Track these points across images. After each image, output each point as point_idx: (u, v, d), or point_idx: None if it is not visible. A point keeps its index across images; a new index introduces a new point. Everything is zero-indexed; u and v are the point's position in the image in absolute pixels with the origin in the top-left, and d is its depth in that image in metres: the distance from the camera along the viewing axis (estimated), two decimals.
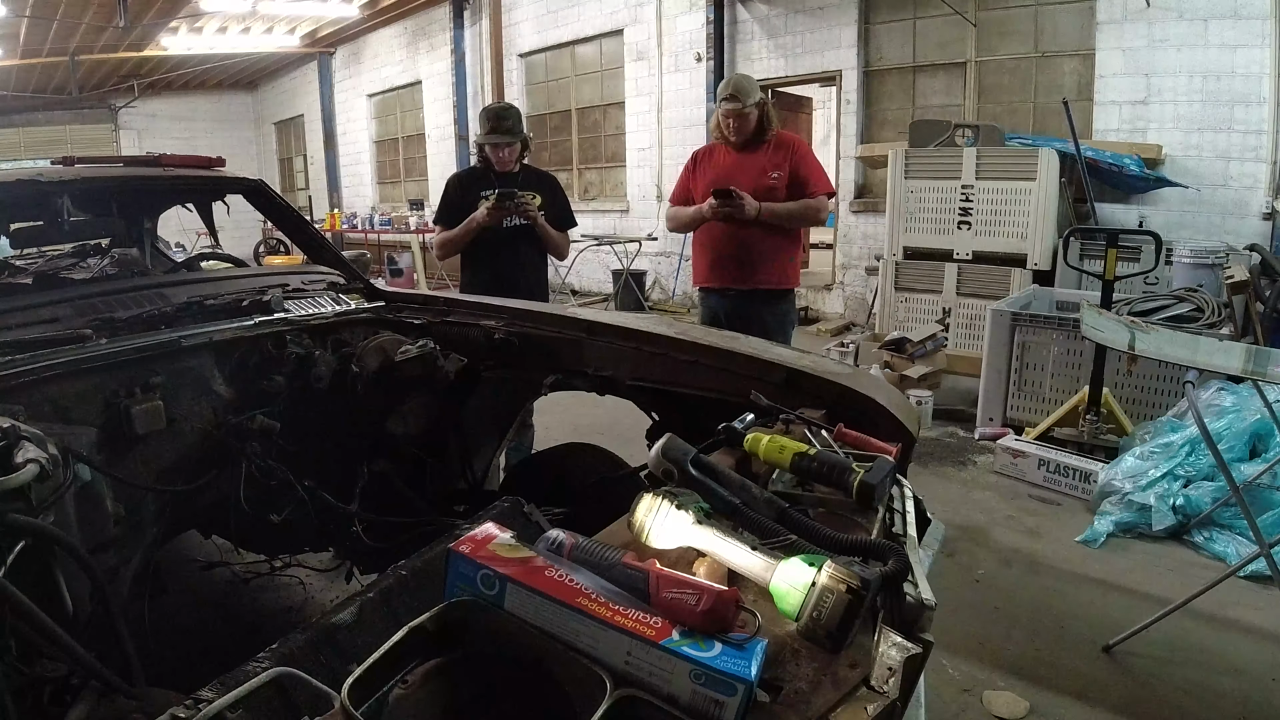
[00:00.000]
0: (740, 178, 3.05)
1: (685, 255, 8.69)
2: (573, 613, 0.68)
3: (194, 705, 0.72)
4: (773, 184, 3.05)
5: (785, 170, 3.08)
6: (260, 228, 11.75)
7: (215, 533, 2.22)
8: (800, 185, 3.09)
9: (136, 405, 1.67)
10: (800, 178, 3.08)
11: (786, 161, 3.10)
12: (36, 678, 0.98)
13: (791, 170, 3.08)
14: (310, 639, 0.91)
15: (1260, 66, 5.05)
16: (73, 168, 2.32)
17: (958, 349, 5.22)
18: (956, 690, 2.18)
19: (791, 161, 3.09)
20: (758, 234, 3.07)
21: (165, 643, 1.60)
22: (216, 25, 11.31)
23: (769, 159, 3.10)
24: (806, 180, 3.10)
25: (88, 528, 1.39)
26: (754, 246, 3.11)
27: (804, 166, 3.10)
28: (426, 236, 10.22)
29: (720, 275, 3.21)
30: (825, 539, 0.94)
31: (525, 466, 2.49)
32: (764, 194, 3.03)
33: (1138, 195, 5.59)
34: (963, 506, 3.41)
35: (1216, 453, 2.26)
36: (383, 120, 13.44)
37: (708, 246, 3.22)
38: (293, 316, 2.14)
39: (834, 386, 1.52)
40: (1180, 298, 4.05)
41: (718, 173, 3.14)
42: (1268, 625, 2.46)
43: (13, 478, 1.04)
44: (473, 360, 2.12)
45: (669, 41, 8.61)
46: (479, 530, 0.78)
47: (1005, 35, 6.41)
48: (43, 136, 13.93)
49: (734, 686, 0.63)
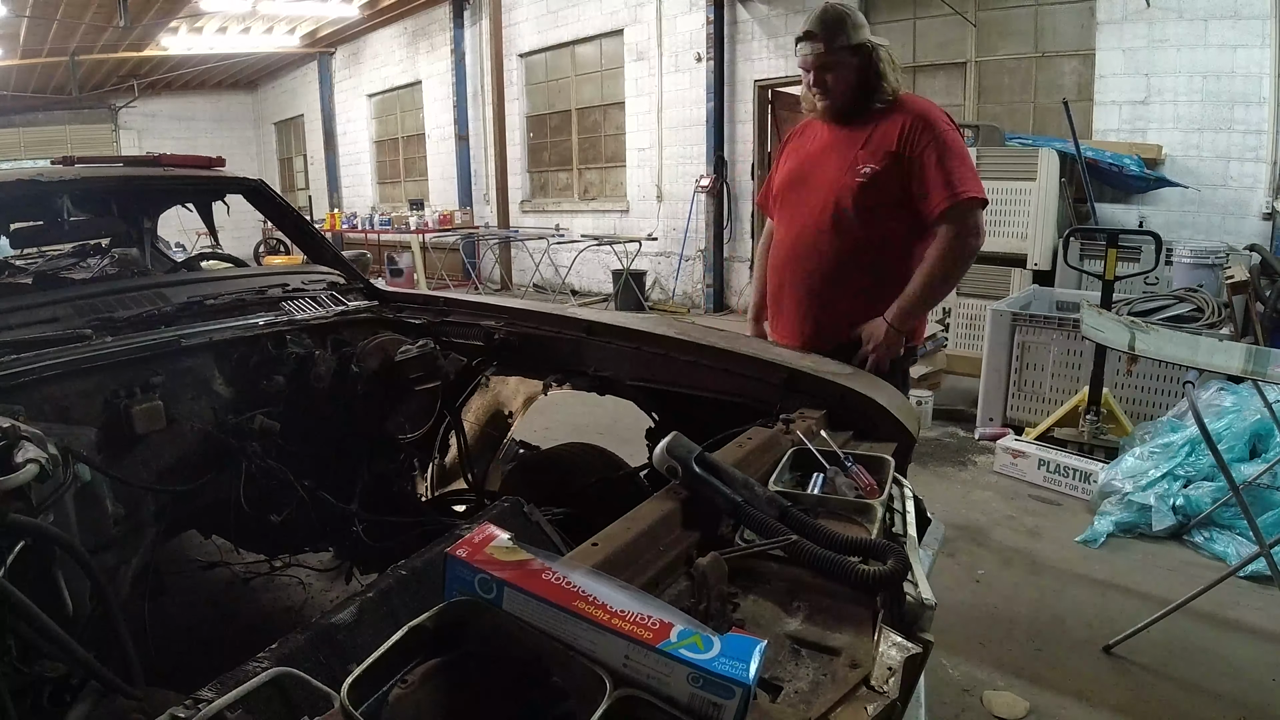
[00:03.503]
0: (824, 170, 2.05)
1: (685, 255, 8.70)
2: (570, 616, 0.68)
3: (194, 705, 0.72)
4: (859, 184, 1.97)
5: (888, 160, 1.94)
6: (260, 228, 11.75)
7: (215, 533, 2.22)
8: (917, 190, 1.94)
9: (136, 405, 1.67)
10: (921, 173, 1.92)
11: (896, 144, 1.94)
12: (36, 678, 0.99)
13: (901, 162, 1.94)
14: (310, 639, 0.91)
15: (1260, 66, 5.05)
16: (73, 168, 2.33)
17: (958, 349, 5.23)
18: (956, 690, 2.18)
19: (905, 145, 1.93)
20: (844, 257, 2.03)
21: (165, 643, 1.60)
22: (216, 25, 11.30)
23: (869, 141, 1.98)
24: (926, 182, 1.92)
25: (88, 528, 1.39)
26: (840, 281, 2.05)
27: (927, 157, 1.91)
28: (426, 236, 10.25)
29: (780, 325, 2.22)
30: (826, 538, 0.94)
31: (525, 466, 2.49)
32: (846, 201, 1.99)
33: (1138, 195, 5.59)
34: (963, 506, 3.41)
35: (1216, 453, 2.26)
36: (383, 120, 13.44)
37: (772, 273, 2.24)
38: (293, 316, 2.14)
39: (834, 387, 1.53)
40: (1180, 298, 4.05)
41: (804, 157, 2.15)
42: (1268, 625, 2.46)
43: (13, 478, 1.04)
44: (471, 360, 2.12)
45: (669, 41, 8.61)
46: (477, 532, 0.78)
47: (1005, 35, 6.41)
48: (43, 136, 13.93)
49: (731, 690, 0.63)
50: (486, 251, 11.02)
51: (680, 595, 0.91)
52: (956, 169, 1.92)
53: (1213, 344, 2.69)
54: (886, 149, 1.96)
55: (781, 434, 1.32)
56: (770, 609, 0.90)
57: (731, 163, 8.32)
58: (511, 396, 2.43)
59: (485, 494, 2.23)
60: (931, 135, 1.93)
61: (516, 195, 10.80)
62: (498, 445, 2.45)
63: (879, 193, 1.97)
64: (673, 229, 8.84)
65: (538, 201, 10.74)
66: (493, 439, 2.45)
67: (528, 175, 10.84)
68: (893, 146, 1.95)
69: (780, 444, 1.28)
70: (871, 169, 1.96)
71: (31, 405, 1.51)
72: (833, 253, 2.04)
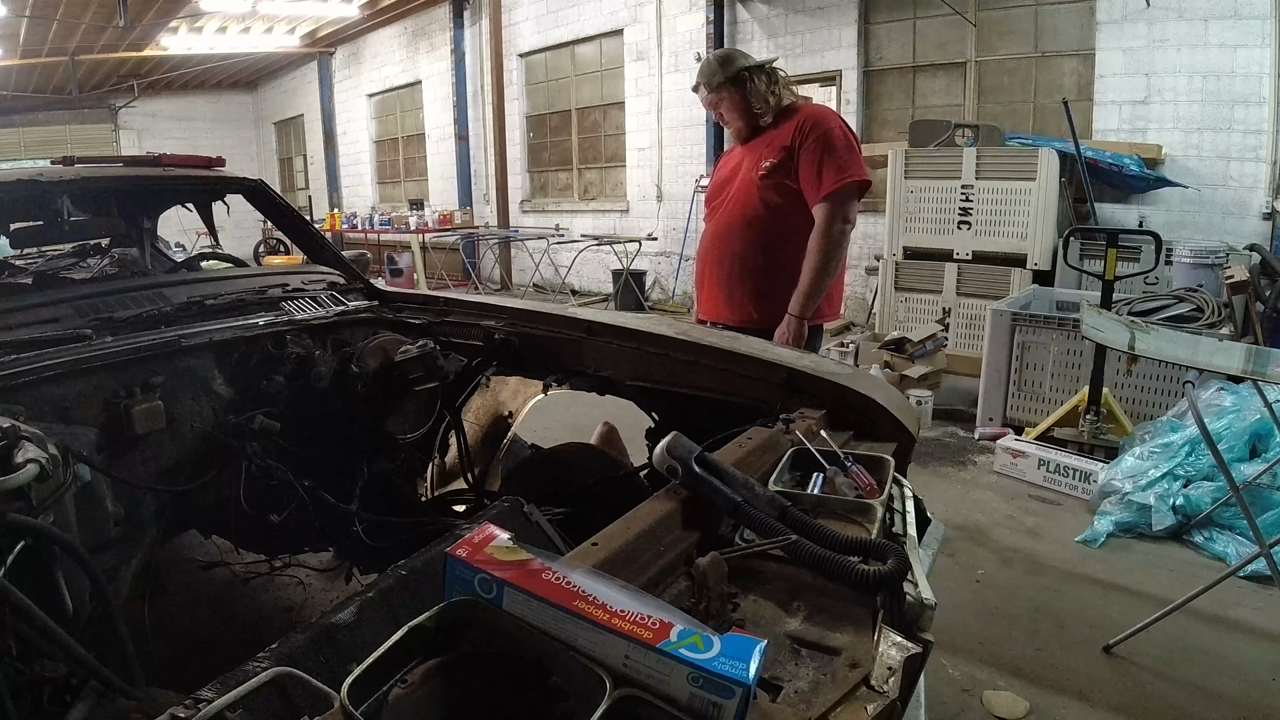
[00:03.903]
0: (734, 179, 2.45)
1: (685, 255, 8.70)
2: (570, 616, 0.68)
3: (194, 705, 0.72)
4: (761, 178, 2.32)
5: (783, 154, 2.29)
6: (260, 228, 11.75)
7: (215, 533, 2.22)
8: (806, 176, 2.26)
9: (136, 405, 1.67)
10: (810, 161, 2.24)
11: (790, 139, 2.29)
12: (36, 678, 0.98)
13: (799, 152, 2.26)
14: (310, 639, 0.91)
15: (1260, 66, 5.05)
16: (73, 168, 2.33)
17: (958, 349, 5.23)
18: (956, 690, 2.18)
19: (798, 138, 2.27)
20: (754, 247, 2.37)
21: (165, 643, 1.60)
22: (216, 25, 11.30)
23: (770, 141, 2.36)
24: (817, 166, 2.23)
25: (88, 528, 1.39)
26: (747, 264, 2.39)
27: (816, 146, 2.24)
28: (426, 236, 10.25)
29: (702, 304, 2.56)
30: (826, 538, 0.94)
31: (525, 466, 2.49)
32: (754, 196, 2.35)
33: (1138, 195, 5.59)
34: (963, 506, 3.41)
35: (1216, 453, 2.26)
36: (383, 120, 13.44)
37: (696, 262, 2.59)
38: (293, 316, 2.14)
39: (834, 387, 1.53)
40: (1180, 298, 4.06)
41: (720, 176, 2.57)
42: (1268, 625, 2.46)
43: (13, 478, 1.04)
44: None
45: (669, 41, 8.61)
46: (477, 532, 0.78)
47: (1005, 35, 6.41)
48: (43, 136, 13.93)
49: (731, 690, 0.63)
50: (486, 251, 11.02)
51: (680, 595, 0.91)
52: (842, 157, 2.23)
53: (1213, 344, 2.69)
54: (782, 144, 2.31)
55: (781, 434, 1.32)
56: (770, 609, 0.90)
57: None
58: (511, 397, 2.43)
59: (485, 494, 2.23)
60: (820, 131, 2.25)
61: (516, 195, 10.81)
62: (498, 445, 2.45)
63: (776, 185, 2.31)
64: (672, 229, 8.84)
65: (538, 201, 10.74)
66: (493, 439, 2.45)
67: (528, 175, 10.84)
68: (786, 141, 2.30)
69: (780, 444, 1.28)
70: (771, 162, 2.31)
71: (31, 405, 1.51)
72: (742, 242, 2.40)
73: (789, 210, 2.33)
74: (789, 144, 2.28)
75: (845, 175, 2.22)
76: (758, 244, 2.37)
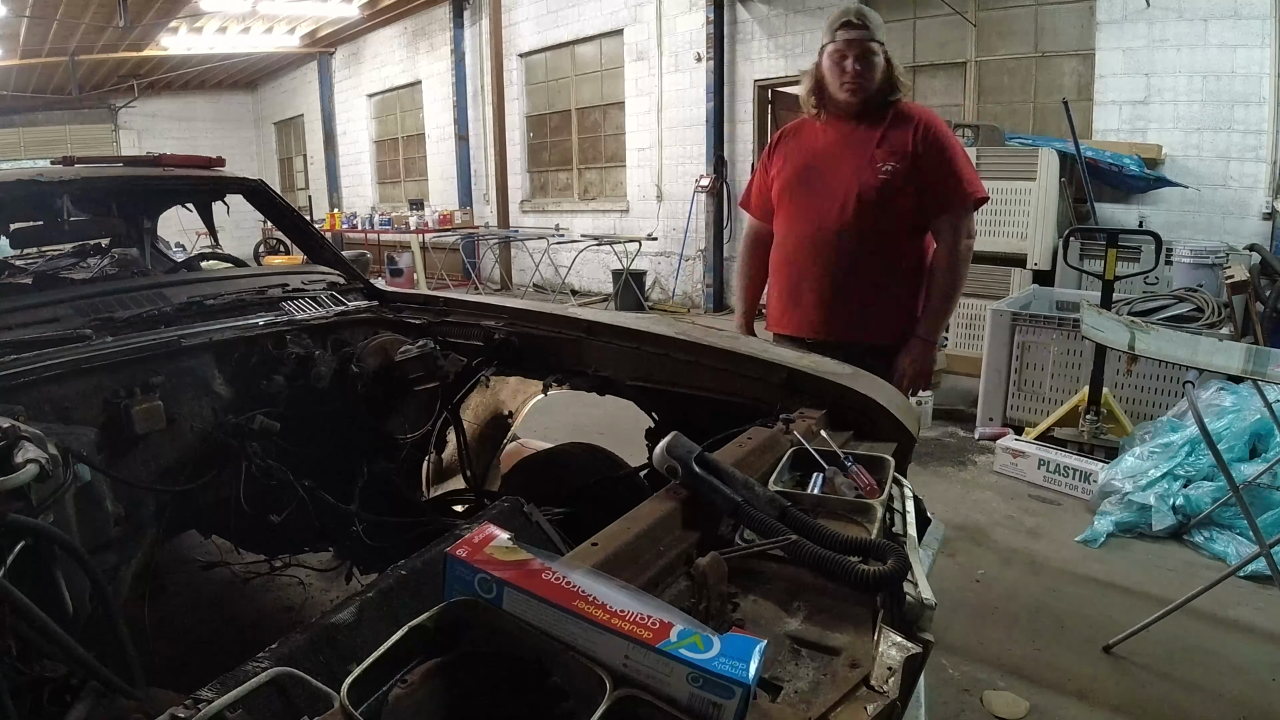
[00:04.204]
0: (838, 167, 2.14)
1: (685, 255, 8.70)
2: (570, 616, 0.68)
3: (194, 705, 0.72)
4: (882, 180, 2.08)
5: (905, 161, 2.07)
6: (260, 228, 11.75)
7: (215, 533, 2.22)
8: (933, 188, 2.08)
9: (136, 405, 1.67)
10: (938, 173, 2.07)
11: (911, 145, 2.08)
12: (36, 678, 0.98)
13: (923, 161, 2.07)
14: (310, 639, 0.91)
15: (1260, 66, 5.05)
16: (73, 168, 2.33)
17: (958, 349, 5.22)
18: (956, 690, 2.18)
19: (921, 146, 2.07)
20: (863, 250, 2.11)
21: (165, 643, 1.60)
22: (216, 25, 11.31)
23: (884, 140, 2.10)
24: (946, 180, 2.08)
25: (88, 528, 1.39)
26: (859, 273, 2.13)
27: (943, 157, 2.08)
28: (426, 236, 10.25)
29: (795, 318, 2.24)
30: (826, 538, 0.94)
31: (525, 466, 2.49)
32: (871, 198, 2.09)
33: (1138, 195, 5.59)
34: (963, 506, 3.41)
35: (1216, 453, 2.26)
36: (383, 120, 13.44)
37: (782, 267, 2.27)
38: (293, 316, 2.14)
39: (834, 387, 1.53)
40: (1180, 298, 4.06)
41: (808, 156, 2.21)
42: (1268, 625, 2.46)
43: (13, 478, 1.04)
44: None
45: (669, 41, 8.61)
46: (477, 532, 0.78)
47: (1005, 35, 6.41)
48: (43, 136, 13.93)
49: (731, 690, 0.63)
50: (486, 251, 11.02)
51: (680, 595, 0.91)
52: (967, 170, 2.11)
53: (1213, 344, 2.69)
54: (903, 149, 2.09)
55: (781, 434, 1.32)
56: (770, 609, 0.90)
57: (731, 162, 8.32)
58: (511, 396, 2.43)
59: (485, 494, 2.23)
60: (944, 141, 2.10)
61: (516, 195, 10.81)
62: (497, 445, 2.45)
63: (895, 191, 2.09)
64: (673, 229, 8.84)
65: (538, 201, 10.74)
66: (492, 439, 2.45)
67: (528, 175, 10.84)
68: (909, 147, 2.09)
69: (780, 444, 1.28)
70: (892, 166, 2.08)
71: (31, 405, 1.51)
72: (852, 247, 2.13)
73: (904, 221, 2.14)
74: (910, 150, 2.07)
75: (975, 191, 2.12)
76: (878, 253, 2.13)
